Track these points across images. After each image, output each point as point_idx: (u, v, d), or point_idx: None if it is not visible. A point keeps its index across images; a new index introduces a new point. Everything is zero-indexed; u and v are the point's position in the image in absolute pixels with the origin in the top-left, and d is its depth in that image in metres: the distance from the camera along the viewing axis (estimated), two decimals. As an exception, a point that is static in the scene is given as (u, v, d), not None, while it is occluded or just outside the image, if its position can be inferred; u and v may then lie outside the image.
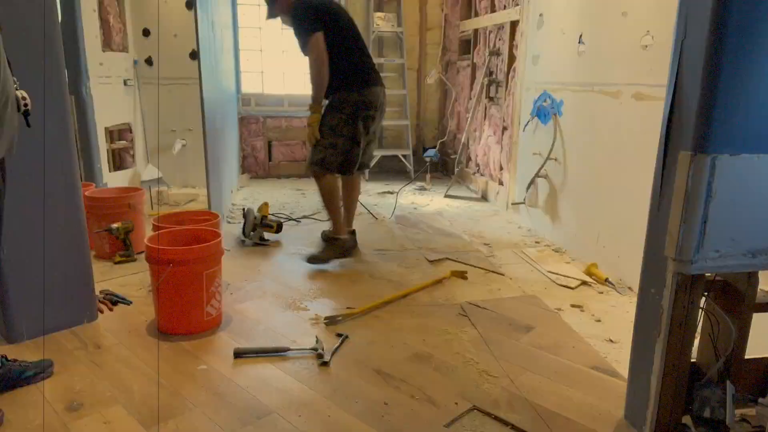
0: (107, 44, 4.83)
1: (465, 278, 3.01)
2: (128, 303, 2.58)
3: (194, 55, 5.17)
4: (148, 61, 5.27)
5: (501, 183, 4.76)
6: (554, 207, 3.73)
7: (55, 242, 2.23)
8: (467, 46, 5.56)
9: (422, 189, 5.48)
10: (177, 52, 5.25)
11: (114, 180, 4.78)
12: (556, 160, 3.69)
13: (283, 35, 5.91)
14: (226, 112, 4.76)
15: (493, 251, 3.56)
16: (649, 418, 1.62)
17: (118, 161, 5.13)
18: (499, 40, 4.72)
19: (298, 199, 4.89)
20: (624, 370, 1.90)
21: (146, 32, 5.23)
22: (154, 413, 1.76)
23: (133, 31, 5.18)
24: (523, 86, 4.18)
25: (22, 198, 2.12)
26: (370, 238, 3.78)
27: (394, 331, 2.39)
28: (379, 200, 5.00)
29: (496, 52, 4.77)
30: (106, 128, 4.74)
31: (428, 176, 5.65)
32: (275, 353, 2.14)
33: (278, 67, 5.99)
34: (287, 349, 2.16)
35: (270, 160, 6.05)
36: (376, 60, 5.94)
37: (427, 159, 5.63)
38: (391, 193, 5.31)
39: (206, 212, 3.16)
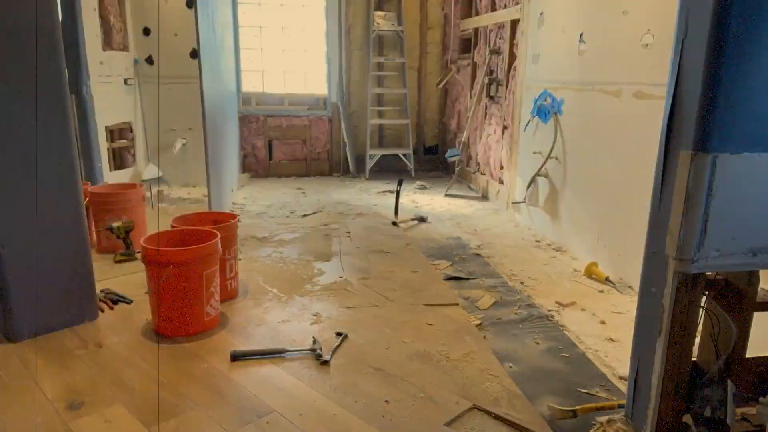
0: (108, 43, 4.83)
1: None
2: (129, 302, 2.58)
3: (195, 54, 5.16)
4: (149, 60, 5.28)
5: (501, 182, 4.76)
6: (555, 206, 3.73)
7: (56, 242, 2.24)
8: (468, 44, 5.56)
9: (423, 188, 5.48)
10: (177, 51, 5.25)
11: (114, 179, 4.78)
12: (556, 159, 3.68)
13: (283, 35, 5.91)
14: (226, 111, 4.75)
15: (493, 250, 3.56)
16: (650, 417, 1.61)
17: (119, 160, 5.13)
18: (500, 39, 4.72)
19: (298, 198, 4.89)
20: (625, 368, 1.90)
21: (147, 31, 5.24)
22: (155, 412, 1.76)
23: (133, 30, 5.18)
24: (524, 85, 4.18)
25: (23, 197, 2.12)
26: (372, 238, 3.79)
27: (394, 330, 2.39)
28: (378, 200, 4.99)
29: (496, 51, 4.77)
30: (106, 127, 4.74)
31: (454, 177, 5.35)
32: (273, 355, 2.13)
33: (279, 66, 5.99)
34: (285, 351, 2.15)
35: (270, 159, 6.05)
36: (376, 59, 5.97)
37: (454, 159, 5.31)
38: (392, 192, 5.30)
39: (226, 213, 2.99)
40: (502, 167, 4.76)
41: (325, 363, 2.09)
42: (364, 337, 2.32)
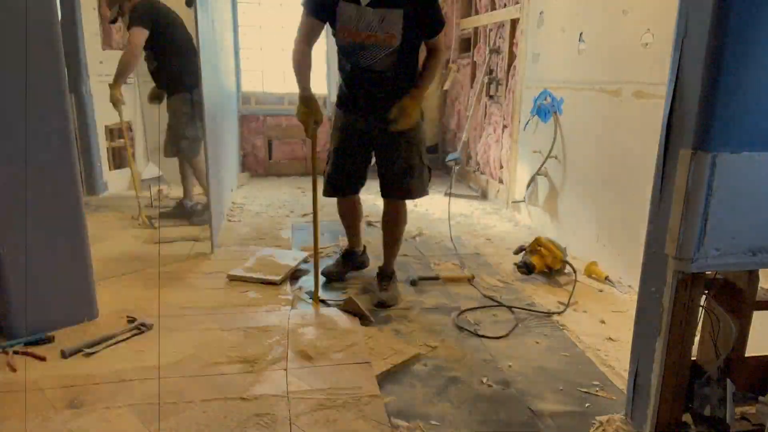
0: (107, 42, 4.82)
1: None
2: None
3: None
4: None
5: (501, 181, 4.76)
6: (554, 205, 3.73)
7: (56, 241, 2.23)
8: (467, 44, 5.55)
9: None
10: (177, 50, 5.23)
11: (113, 178, 4.78)
12: (556, 158, 3.68)
13: (283, 33, 5.91)
14: (226, 111, 4.75)
15: (493, 249, 3.56)
16: (649, 416, 1.62)
17: (118, 160, 5.12)
18: (500, 38, 4.72)
19: (297, 198, 4.89)
20: (624, 367, 1.90)
21: (146, 30, 5.22)
22: (155, 410, 1.76)
23: (133, 30, 5.17)
24: (524, 84, 4.18)
25: (23, 196, 2.12)
26: (369, 235, 3.79)
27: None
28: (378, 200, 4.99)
29: (496, 51, 4.77)
30: (106, 126, 4.73)
31: (453, 177, 5.40)
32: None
33: (278, 65, 5.98)
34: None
35: (270, 158, 6.05)
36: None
37: (452, 163, 5.25)
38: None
39: None
40: (501, 166, 4.76)
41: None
42: (364, 337, 2.32)
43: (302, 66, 2.50)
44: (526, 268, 2.99)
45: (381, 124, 2.49)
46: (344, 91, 2.62)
